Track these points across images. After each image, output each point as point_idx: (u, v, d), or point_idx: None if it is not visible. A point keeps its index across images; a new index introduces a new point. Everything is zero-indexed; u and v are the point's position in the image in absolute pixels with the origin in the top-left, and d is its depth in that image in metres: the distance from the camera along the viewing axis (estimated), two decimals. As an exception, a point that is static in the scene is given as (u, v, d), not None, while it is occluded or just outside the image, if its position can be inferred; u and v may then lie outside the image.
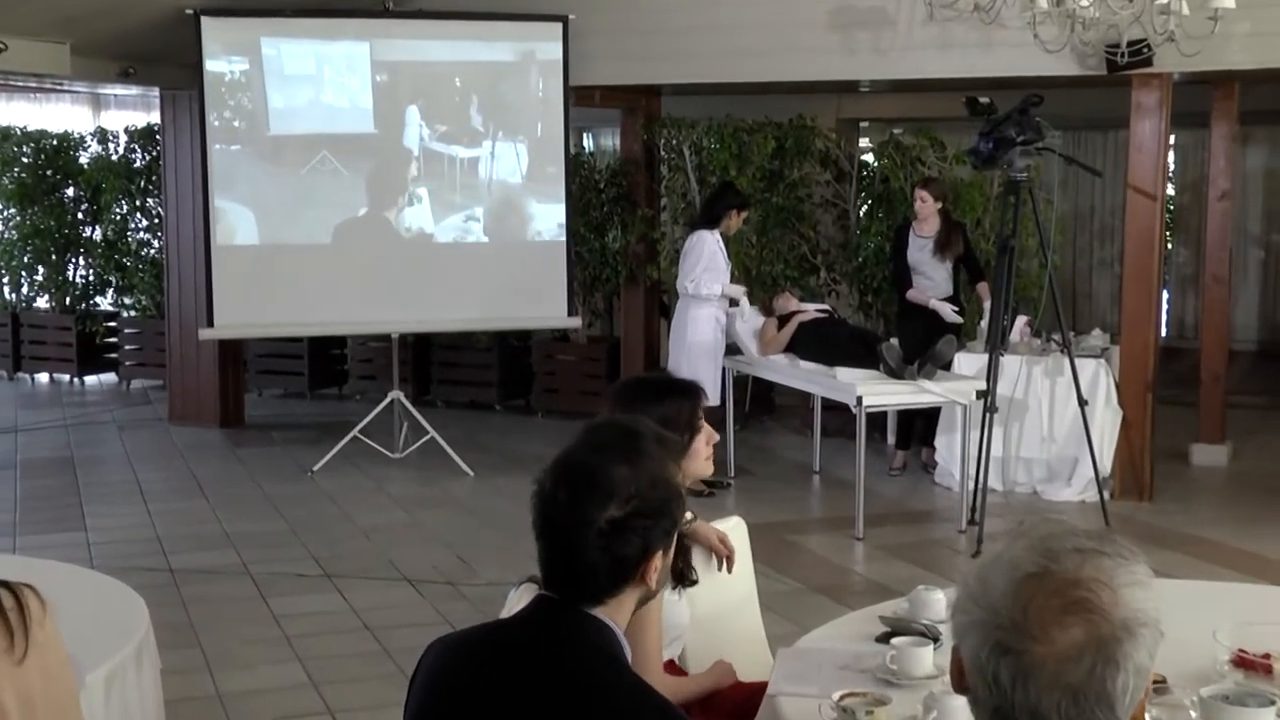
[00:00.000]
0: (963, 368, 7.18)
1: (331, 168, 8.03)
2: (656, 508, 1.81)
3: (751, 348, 7.61)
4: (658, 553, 1.82)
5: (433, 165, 8.16)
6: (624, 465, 1.80)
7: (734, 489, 7.59)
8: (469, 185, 8.24)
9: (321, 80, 8.07)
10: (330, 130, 8.03)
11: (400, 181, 8.14)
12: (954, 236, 7.49)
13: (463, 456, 7.93)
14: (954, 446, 7.18)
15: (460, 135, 8.22)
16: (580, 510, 1.77)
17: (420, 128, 8.12)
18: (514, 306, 8.16)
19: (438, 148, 8.17)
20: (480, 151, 8.28)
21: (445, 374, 10.09)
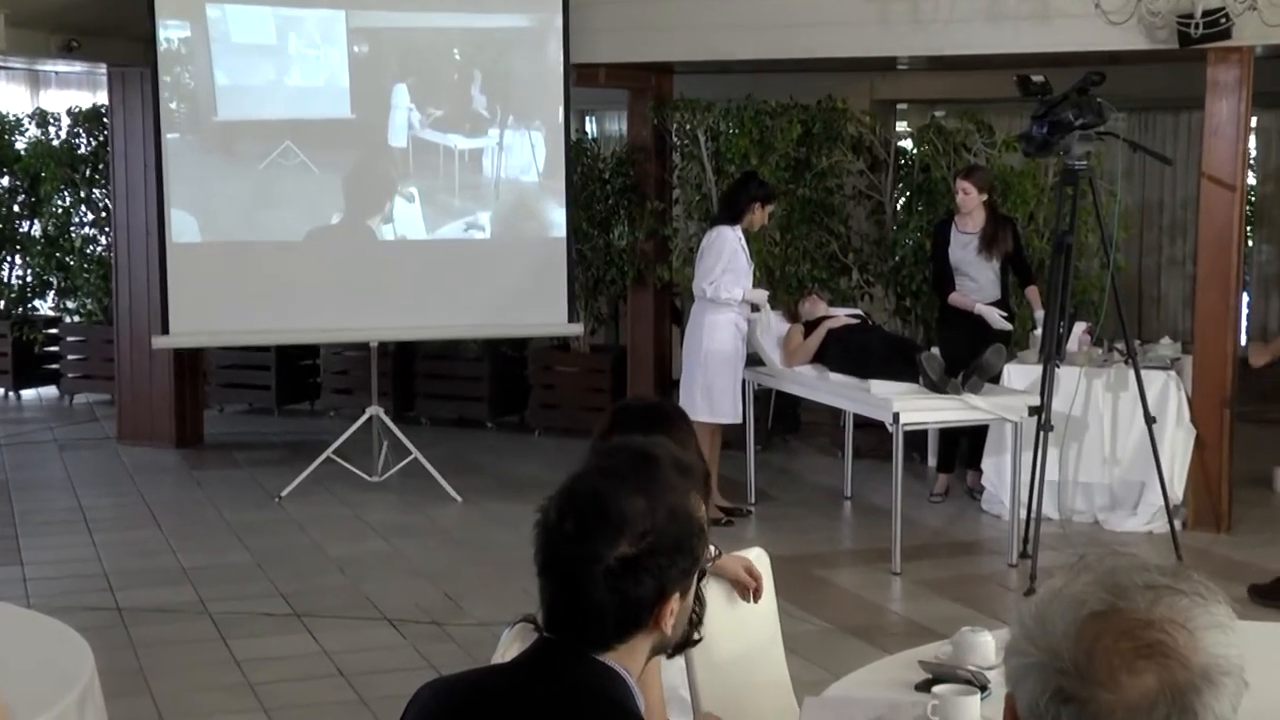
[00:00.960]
0: (1013, 380, 7.17)
1: (296, 162, 7.94)
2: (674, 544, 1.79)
3: (775, 358, 7.61)
4: (674, 595, 1.80)
5: (426, 160, 8.12)
6: (639, 495, 1.79)
7: (754, 517, 7.58)
8: (471, 185, 8.19)
9: (284, 52, 7.97)
10: (295, 115, 7.95)
11: (385, 181, 8.09)
12: (1001, 233, 7.49)
13: (449, 479, 7.93)
14: (1003, 470, 7.16)
15: (460, 121, 8.16)
16: (588, 545, 1.76)
17: (409, 112, 8.08)
18: (507, 311, 8.17)
19: (431, 137, 8.11)
20: (485, 142, 8.22)
21: (430, 387, 10.11)
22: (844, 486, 8.01)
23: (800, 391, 7.58)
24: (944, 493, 7.91)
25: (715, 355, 7.34)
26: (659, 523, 1.78)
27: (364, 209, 8.10)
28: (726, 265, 7.24)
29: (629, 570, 1.76)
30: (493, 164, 8.21)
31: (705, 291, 7.30)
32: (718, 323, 7.33)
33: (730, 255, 7.24)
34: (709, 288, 7.28)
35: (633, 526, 1.76)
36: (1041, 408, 6.50)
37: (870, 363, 6.94)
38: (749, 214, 7.29)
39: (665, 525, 1.79)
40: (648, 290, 9.39)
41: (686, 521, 1.82)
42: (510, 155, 8.18)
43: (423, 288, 8.04)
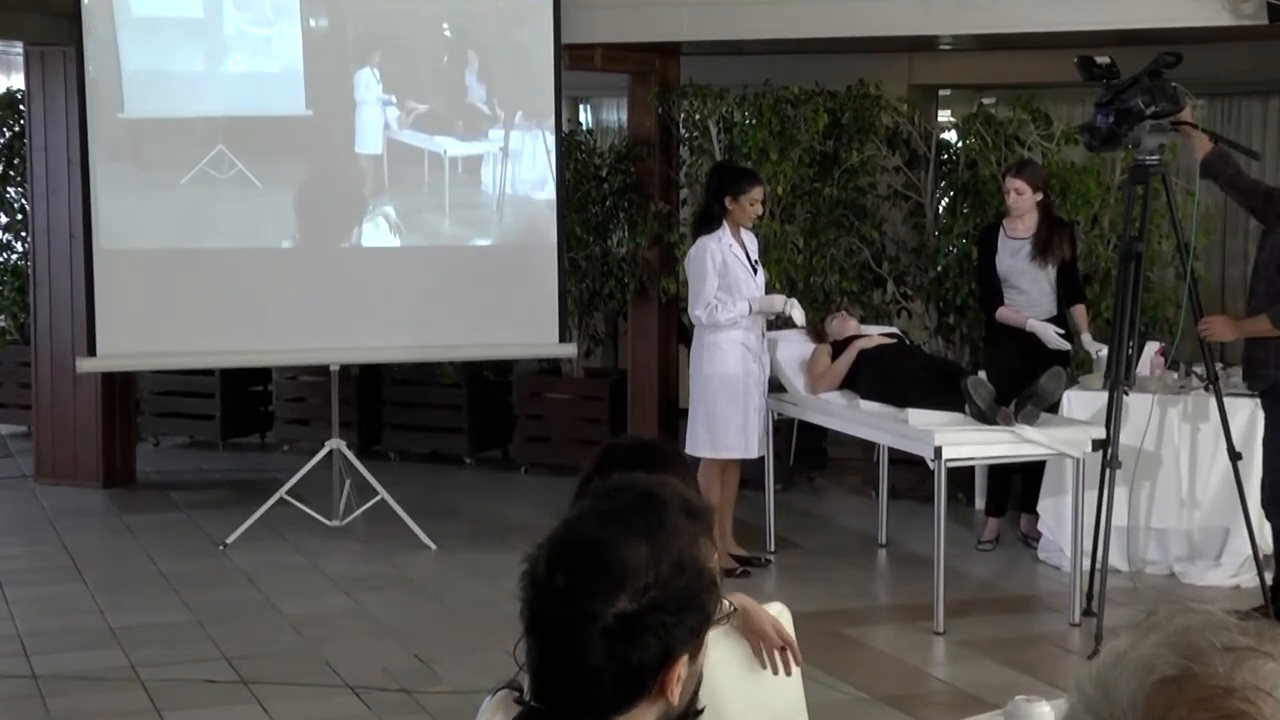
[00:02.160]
0: (1074, 409, 7.16)
1: (232, 174, 7.81)
2: (681, 600, 1.79)
3: (797, 383, 7.61)
4: (682, 658, 1.79)
5: (406, 170, 8.06)
6: (641, 543, 1.79)
7: (774, 567, 7.58)
8: (469, 203, 8.15)
9: (215, 30, 7.86)
10: (230, 112, 7.85)
11: (352, 198, 8.06)
12: (1057, 237, 7.49)
13: (422, 524, 7.93)
14: (1063, 513, 7.15)
15: (451, 119, 8.12)
16: (582, 601, 1.76)
17: (383, 107, 8.05)
18: (489, 330, 8.17)
19: (414, 140, 8.06)
20: (486, 146, 8.18)
21: (400, 417, 10.11)
22: (878, 532, 8.00)
23: (827, 422, 7.57)
24: (994, 540, 7.90)
25: (717, 381, 7.32)
26: (664, 575, 1.78)
27: (324, 234, 8.07)
28: (719, 281, 7.20)
29: (630, 630, 1.75)
30: (495, 174, 8.20)
31: (701, 319, 7.27)
32: (719, 344, 7.31)
33: (719, 268, 7.20)
34: (703, 313, 7.23)
35: (634, 579, 1.76)
36: (1107, 441, 6.49)
37: (908, 389, 6.94)
38: (728, 212, 7.22)
39: (671, 577, 1.78)
40: (651, 305, 9.40)
41: (696, 573, 1.82)
42: (518, 164, 8.20)
43: (391, 302, 8.05)
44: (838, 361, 7.47)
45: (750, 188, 7.26)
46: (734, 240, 7.27)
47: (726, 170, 7.57)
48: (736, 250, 7.27)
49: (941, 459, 6.39)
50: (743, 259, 7.29)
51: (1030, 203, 7.43)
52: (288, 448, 10.34)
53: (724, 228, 7.24)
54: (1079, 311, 7.56)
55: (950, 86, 11.97)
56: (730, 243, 7.24)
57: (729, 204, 7.21)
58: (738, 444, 7.32)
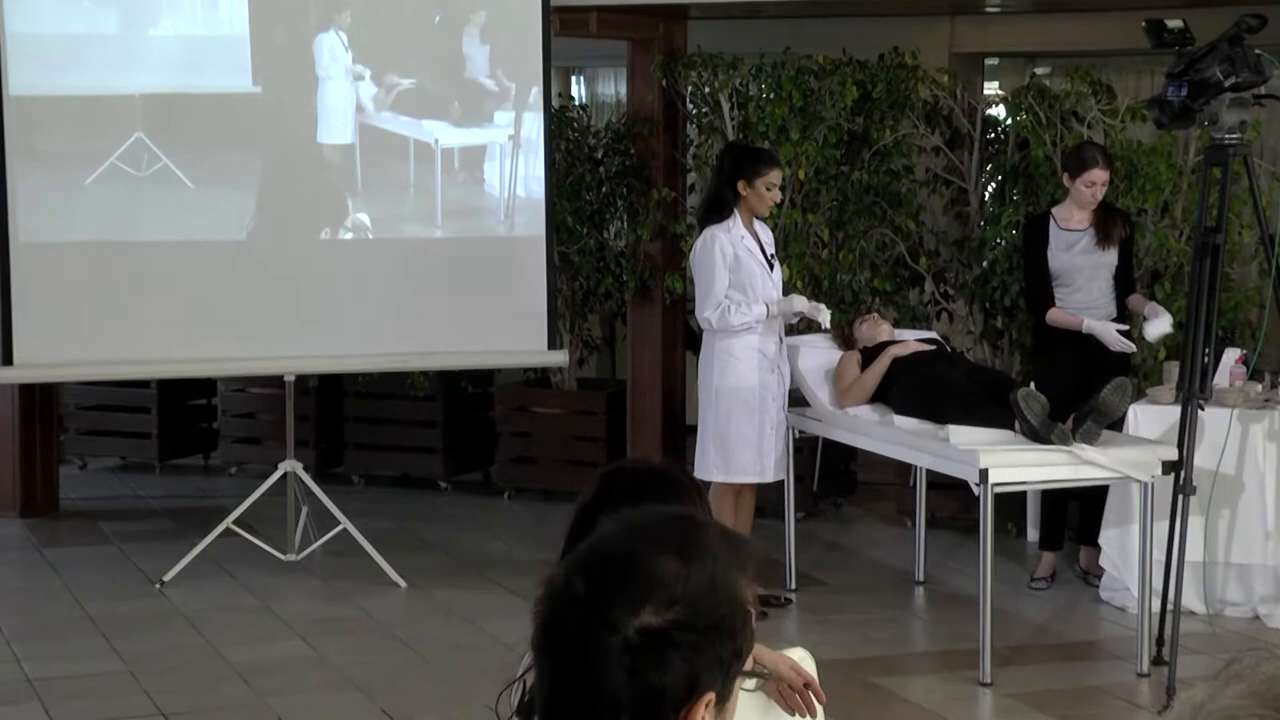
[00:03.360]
0: (1141, 426, 7.15)
1: (155, 169, 7.68)
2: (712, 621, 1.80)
3: (821, 396, 7.60)
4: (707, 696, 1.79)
5: (381, 159, 8.00)
6: (672, 556, 1.81)
7: (795, 607, 7.57)
8: (443, 190, 8.09)
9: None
10: (154, 87, 7.73)
11: (311, 191, 7.99)
12: (1114, 225, 7.47)
13: (390, 558, 7.92)
14: (1128, 546, 7.14)
15: (428, 95, 8.06)
16: (602, 608, 1.77)
17: (354, 83, 8.00)
18: (467, 334, 8.17)
19: (392, 124, 8.00)
20: (461, 124, 8.12)
21: (364, 436, 10.11)
22: (914, 567, 7.99)
23: (855, 440, 7.56)
24: (1049, 577, 7.88)
25: (729, 394, 7.30)
26: (694, 590, 1.79)
27: (274, 218, 8.00)
28: (731, 278, 7.19)
29: (654, 646, 1.76)
30: (472, 157, 8.19)
31: (710, 322, 7.26)
32: (731, 351, 7.29)
33: (729, 263, 7.19)
34: (713, 315, 7.23)
35: (661, 590, 1.77)
36: (1180, 463, 6.48)
37: (949, 402, 6.93)
38: (741, 199, 7.22)
39: (701, 595, 1.80)
40: (654, 306, 9.39)
41: (730, 599, 1.83)
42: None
43: (354, 304, 8.03)
44: (868, 371, 7.46)
45: (766, 170, 7.24)
46: (747, 232, 7.26)
47: (740, 151, 7.56)
48: (750, 243, 7.26)
49: (988, 483, 6.37)
50: (757, 253, 7.28)
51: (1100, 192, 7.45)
52: (235, 470, 10.33)
53: (735, 217, 7.23)
54: (1136, 300, 7.53)
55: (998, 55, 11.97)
56: (743, 234, 7.24)
57: (742, 190, 7.20)
58: (753, 466, 7.31)
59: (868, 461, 8.87)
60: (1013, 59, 11.94)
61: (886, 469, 8.81)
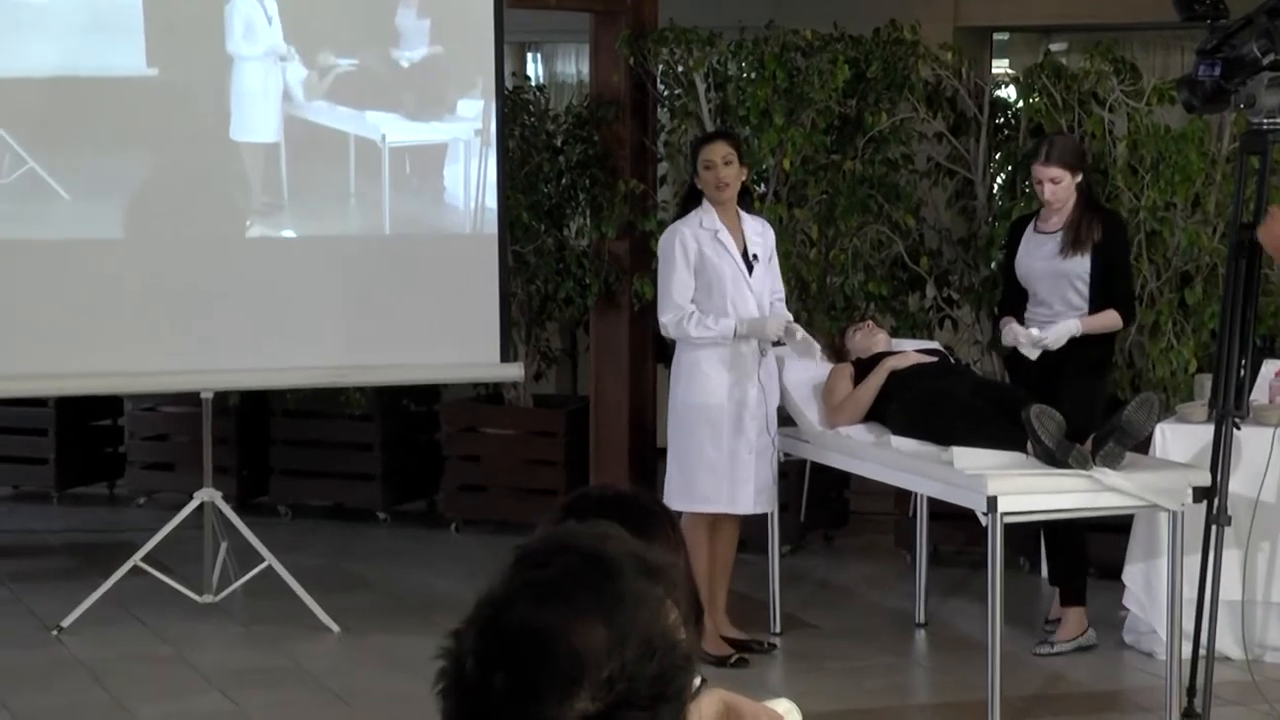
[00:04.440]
0: (1169, 448, 7.17)
1: (19, 174, 7.54)
2: (655, 689, 1.80)
3: (809, 414, 7.60)
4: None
5: (314, 166, 7.94)
6: (595, 623, 1.79)
7: (781, 653, 7.57)
8: (382, 180, 8.03)
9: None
10: (13, 70, 7.54)
11: (235, 198, 7.91)
12: (1084, 229, 7.39)
13: (322, 600, 7.88)
14: (1156, 583, 7.15)
15: (388, 85, 8.00)
16: (532, 707, 1.76)
17: (278, 65, 7.93)
18: (409, 345, 8.14)
19: (328, 119, 7.92)
20: (434, 120, 8.06)
21: (293, 460, 10.08)
22: (915, 608, 7.98)
23: (848, 464, 7.57)
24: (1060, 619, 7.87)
25: (693, 412, 7.28)
26: (631, 661, 1.78)
27: (183, 215, 7.90)
28: (694, 280, 7.17)
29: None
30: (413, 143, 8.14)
31: (667, 328, 7.26)
32: (697, 364, 7.27)
33: (694, 263, 7.17)
34: (670, 322, 7.22)
35: (594, 670, 1.77)
36: (1214, 489, 6.48)
37: (953, 421, 6.93)
38: (697, 188, 7.24)
39: (639, 664, 1.79)
40: (620, 314, 9.38)
41: (668, 651, 1.82)
42: (431, 119, 8.16)
43: (281, 311, 8.01)
44: (862, 386, 7.46)
45: (699, 152, 7.30)
46: (722, 225, 7.25)
47: (694, 139, 7.59)
48: (726, 238, 7.24)
49: (997, 512, 6.37)
50: (733, 251, 7.26)
51: (1070, 190, 7.40)
52: (144, 500, 10.27)
53: (707, 210, 7.24)
54: (1091, 321, 7.36)
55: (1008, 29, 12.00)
56: (717, 228, 7.23)
57: (698, 183, 7.26)
58: (717, 494, 7.29)
59: (862, 488, 8.86)
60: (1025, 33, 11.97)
61: (883, 497, 8.80)
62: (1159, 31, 9.92)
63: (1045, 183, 7.35)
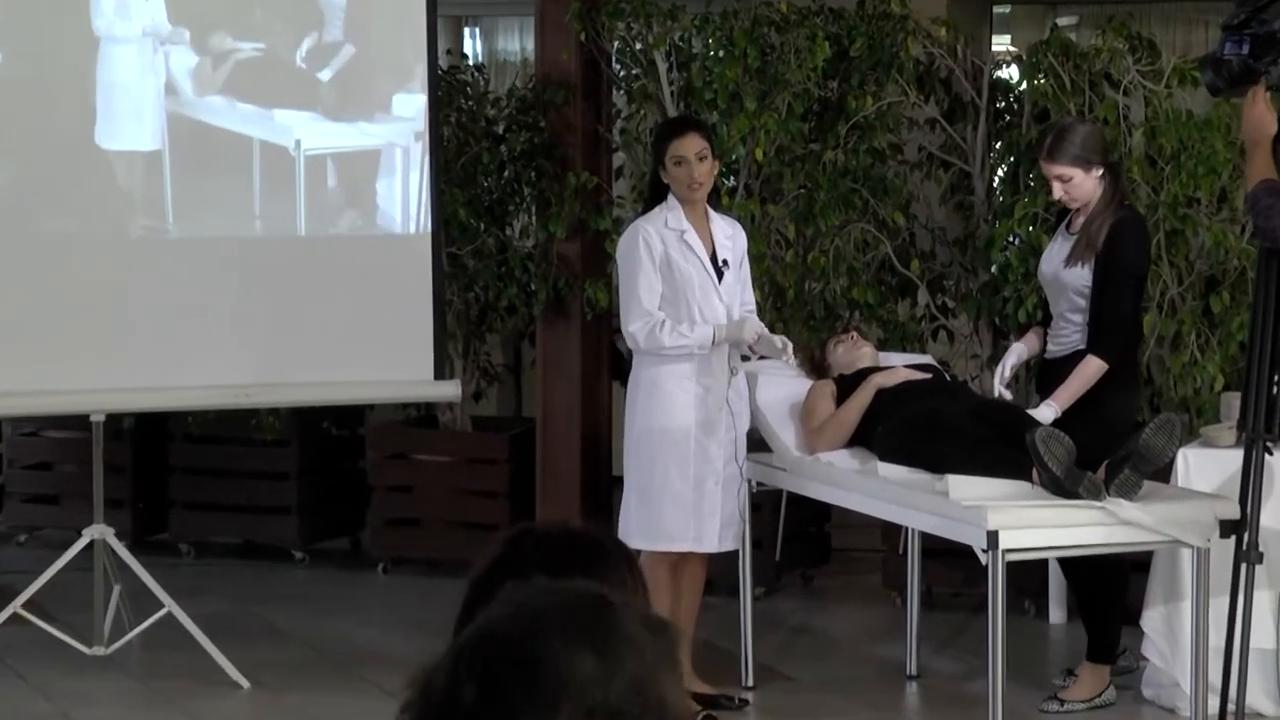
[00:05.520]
0: (1193, 476, 7.17)
1: None
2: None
3: (786, 438, 7.60)
4: None
5: (208, 182, 7.89)
6: (585, 651, 1.83)
7: (753, 709, 7.56)
8: (297, 174, 7.98)
9: None
10: None
11: (113, 194, 7.88)
12: (1095, 234, 7.34)
13: (229, 651, 7.84)
14: (1178, 630, 7.15)
15: (300, 71, 7.98)
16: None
17: (162, 50, 7.84)
18: (330, 361, 8.13)
19: (226, 119, 7.87)
20: (356, 103, 8.01)
21: (196, 492, 10.06)
22: (906, 658, 7.96)
23: (829, 495, 7.57)
24: (1078, 669, 7.88)
25: (655, 438, 7.28)
26: (616, 695, 1.82)
27: (65, 210, 7.87)
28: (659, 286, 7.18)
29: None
30: (334, 131, 8.09)
31: (636, 339, 7.24)
32: (659, 382, 7.27)
33: (659, 265, 7.18)
34: (640, 331, 7.19)
35: (575, 695, 1.80)
36: (1244, 522, 6.49)
37: (948, 445, 6.94)
38: (664, 180, 7.25)
39: (625, 701, 1.82)
40: (571, 324, 9.38)
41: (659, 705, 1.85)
42: (354, 104, 8.12)
43: (182, 321, 7.97)
44: (845, 406, 7.46)
45: (668, 142, 7.29)
46: (690, 225, 7.25)
47: (655, 129, 7.58)
48: (693, 239, 7.25)
49: (998, 549, 6.38)
50: (701, 254, 7.27)
51: (1090, 187, 7.34)
52: (25, 538, 10.24)
53: (673, 207, 7.24)
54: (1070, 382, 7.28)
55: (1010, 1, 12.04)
56: (683, 228, 7.23)
57: (664, 176, 7.26)
58: (683, 530, 7.29)
59: (845, 522, 8.87)
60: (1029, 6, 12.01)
61: (869, 532, 8.81)
62: (1179, 5, 9.96)
63: (1054, 182, 7.31)
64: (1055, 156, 7.28)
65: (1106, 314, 7.30)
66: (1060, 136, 7.40)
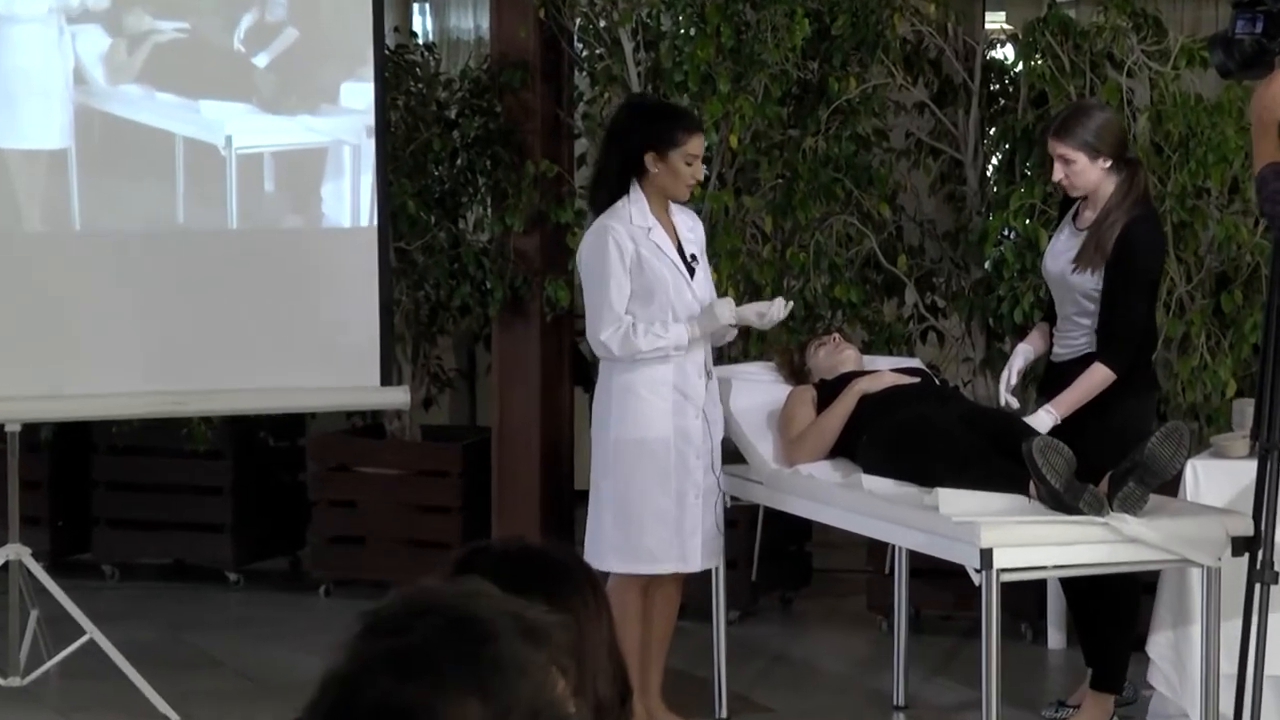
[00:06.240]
0: (1203, 489, 7.19)
1: None
2: None
3: (763, 449, 7.61)
4: None
5: (122, 185, 7.89)
6: (470, 698, 1.84)
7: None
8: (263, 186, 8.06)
9: None
10: None
11: (24, 182, 7.82)
12: (1106, 237, 7.36)
13: (159, 682, 7.82)
14: (1187, 655, 7.16)
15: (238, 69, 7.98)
16: None
17: (69, 30, 7.81)
18: (267, 365, 8.12)
19: (144, 113, 7.83)
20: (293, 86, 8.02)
21: (122, 509, 10.05)
22: (893, 687, 7.99)
23: (810, 511, 7.59)
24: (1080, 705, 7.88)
25: (633, 449, 7.28)
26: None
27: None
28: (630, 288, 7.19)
29: None
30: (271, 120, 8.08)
31: (609, 348, 7.21)
32: (635, 390, 7.27)
33: (630, 266, 7.20)
34: (614, 339, 7.18)
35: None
36: (1258, 539, 6.51)
37: (939, 456, 6.96)
38: (649, 176, 7.24)
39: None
40: (530, 325, 9.40)
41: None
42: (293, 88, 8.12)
43: (105, 322, 7.97)
44: (827, 414, 7.47)
45: (686, 137, 7.27)
46: (657, 222, 7.26)
47: (647, 111, 7.55)
48: (660, 237, 7.25)
49: (992, 569, 6.38)
50: (671, 252, 7.28)
51: (1092, 178, 7.36)
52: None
53: (639, 202, 7.23)
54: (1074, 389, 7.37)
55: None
56: (649, 225, 7.23)
57: (652, 164, 7.20)
58: (669, 550, 7.29)
59: (827, 540, 8.89)
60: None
61: (853, 550, 8.83)
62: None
63: (1056, 162, 7.33)
64: (1063, 135, 7.31)
65: (1117, 322, 7.33)
66: (1075, 116, 7.44)
